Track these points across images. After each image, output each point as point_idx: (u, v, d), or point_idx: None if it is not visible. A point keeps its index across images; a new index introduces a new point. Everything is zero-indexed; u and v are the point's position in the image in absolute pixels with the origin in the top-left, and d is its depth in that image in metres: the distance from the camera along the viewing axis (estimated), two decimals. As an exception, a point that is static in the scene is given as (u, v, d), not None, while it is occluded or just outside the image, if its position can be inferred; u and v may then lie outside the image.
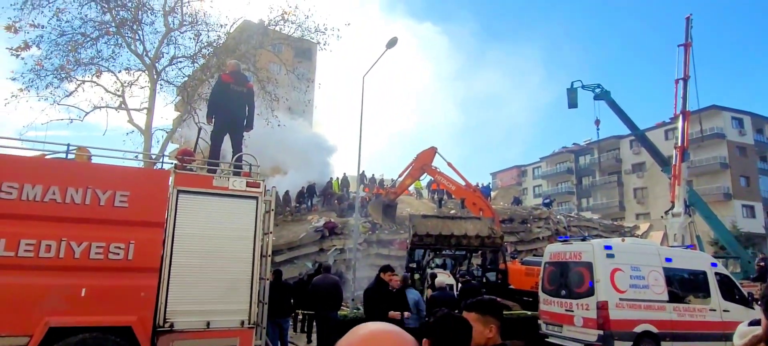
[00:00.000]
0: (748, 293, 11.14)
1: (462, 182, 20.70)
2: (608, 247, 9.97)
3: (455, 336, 1.89)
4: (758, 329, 3.13)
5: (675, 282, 10.19)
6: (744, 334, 3.30)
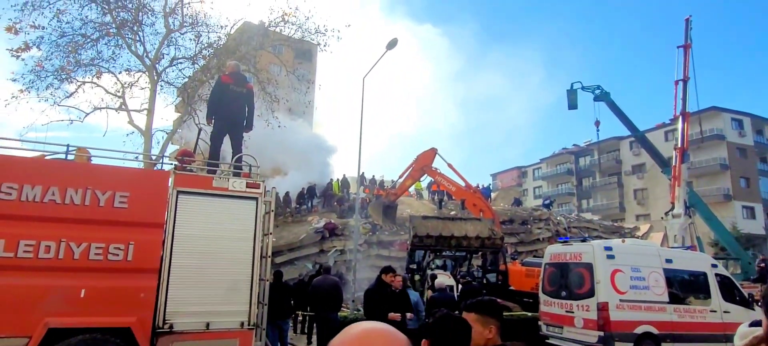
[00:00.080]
0: (749, 294, 11.14)
1: (462, 183, 20.71)
2: (608, 248, 9.96)
3: (455, 337, 1.88)
4: (759, 330, 3.12)
5: (675, 283, 10.18)
6: (745, 335, 3.29)
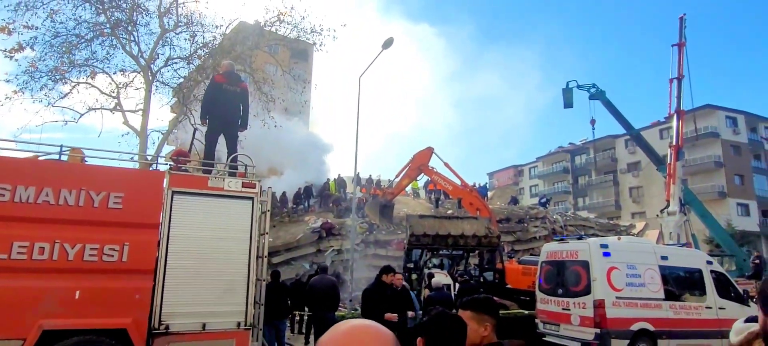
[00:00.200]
0: (744, 290, 11.20)
1: (459, 182, 20.70)
2: (604, 246, 9.99)
3: (450, 335, 1.87)
4: (755, 326, 3.13)
5: (671, 280, 10.22)
6: (740, 331, 3.30)
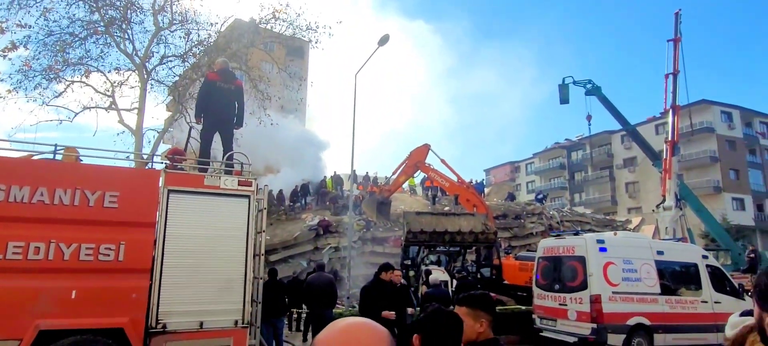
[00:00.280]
0: (739, 284, 11.29)
1: (455, 178, 20.72)
2: (601, 241, 10.03)
3: (446, 332, 1.86)
4: (750, 320, 3.15)
5: (667, 275, 10.29)
6: (736, 324, 3.32)
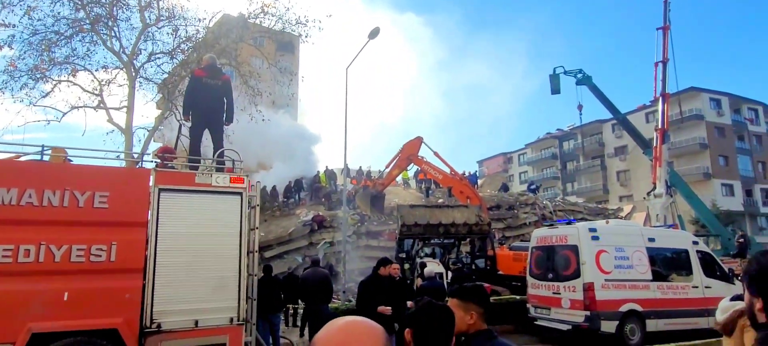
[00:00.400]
0: (729, 269, 11.45)
1: (449, 170, 20.77)
2: (593, 229, 10.12)
3: (439, 325, 1.87)
4: (740, 304, 3.18)
5: (658, 261, 10.41)
6: (726, 309, 3.37)
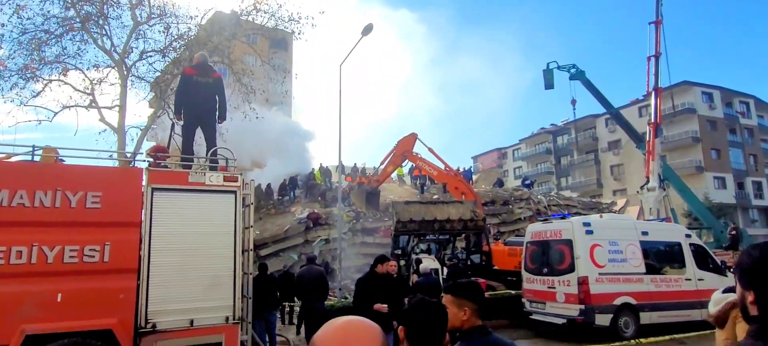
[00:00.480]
0: (721, 261, 11.57)
1: (443, 166, 20.79)
2: (587, 224, 10.19)
3: (435, 321, 1.88)
4: (732, 296, 3.22)
5: (651, 254, 10.50)
6: (718, 301, 3.41)
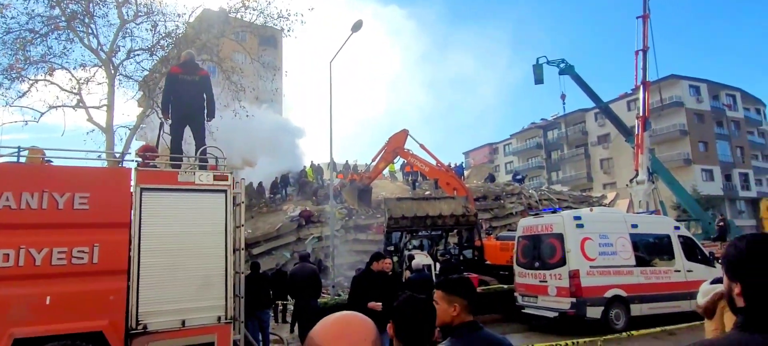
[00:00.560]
0: (710, 252, 11.75)
1: (435, 162, 20.83)
2: (577, 217, 10.27)
3: (424, 317, 1.90)
4: (720, 287, 3.26)
5: (641, 247, 10.62)
6: (707, 292, 3.45)
